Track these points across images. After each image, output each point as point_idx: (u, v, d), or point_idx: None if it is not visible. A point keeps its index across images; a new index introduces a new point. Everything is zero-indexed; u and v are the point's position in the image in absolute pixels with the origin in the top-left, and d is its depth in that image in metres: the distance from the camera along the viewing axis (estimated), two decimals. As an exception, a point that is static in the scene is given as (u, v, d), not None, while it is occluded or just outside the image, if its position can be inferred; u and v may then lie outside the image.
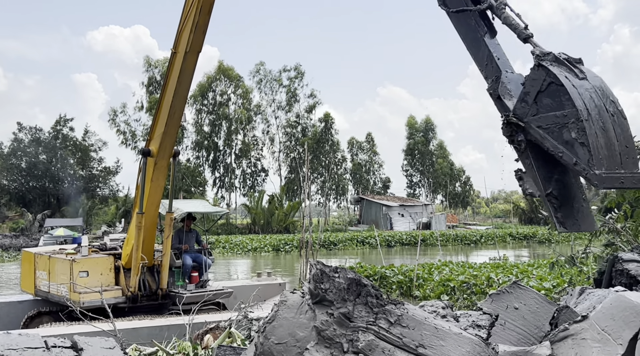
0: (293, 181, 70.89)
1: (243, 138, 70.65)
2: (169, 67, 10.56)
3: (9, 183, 66.30)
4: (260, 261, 35.07)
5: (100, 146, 69.39)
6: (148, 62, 68.02)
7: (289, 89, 70.41)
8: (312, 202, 66.18)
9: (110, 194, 68.64)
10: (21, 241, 46.42)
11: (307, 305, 3.62)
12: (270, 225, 58.67)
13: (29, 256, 11.70)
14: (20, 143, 66.32)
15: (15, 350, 3.83)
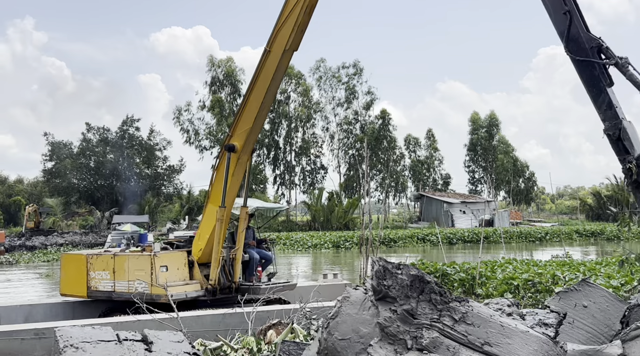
0: (352, 178, 70.82)
1: (303, 135, 71.08)
2: (260, 64, 10.58)
3: (79, 181, 68.72)
4: (321, 258, 35.23)
5: (165, 145, 71.06)
6: (211, 62, 69.14)
7: (348, 85, 70.36)
8: (371, 199, 66.04)
9: (174, 192, 70.18)
10: (90, 238, 48.06)
11: (370, 302, 3.63)
12: (330, 222, 58.80)
13: (79, 258, 11.66)
14: (89, 143, 68.60)
15: (89, 342, 3.98)
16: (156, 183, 69.91)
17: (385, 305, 3.47)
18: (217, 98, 67.47)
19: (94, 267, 11.32)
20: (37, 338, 7.79)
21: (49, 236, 49.22)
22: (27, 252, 41.88)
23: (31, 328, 8.03)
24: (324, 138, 72.45)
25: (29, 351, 7.72)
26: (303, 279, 24.45)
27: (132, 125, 69.69)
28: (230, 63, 69.04)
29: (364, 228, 16.84)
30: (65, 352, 3.84)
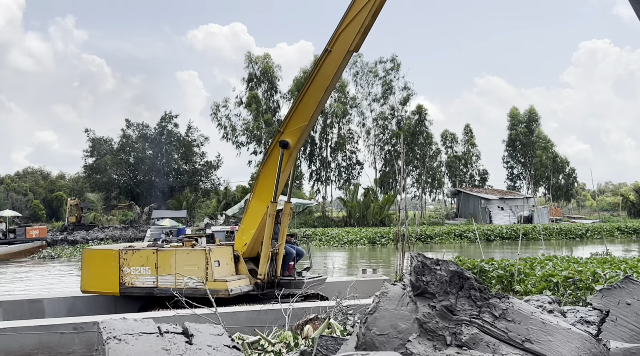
0: (388, 174, 70.59)
1: (338, 131, 71.06)
2: (320, 63, 10.65)
3: (119, 177, 70.04)
4: (356, 254, 35.22)
5: (202, 141, 71.89)
6: (249, 59, 69.61)
7: (385, 81, 70.06)
8: (407, 195, 65.68)
9: (211, 187, 70.97)
10: (130, 232, 48.92)
11: (409, 297, 3.63)
12: (366, 218, 58.73)
13: (107, 254, 11.15)
14: (129, 139, 69.81)
15: (132, 334, 4.06)
16: (194, 178, 70.78)
17: (424, 300, 3.46)
18: (254, 94, 67.92)
19: (128, 263, 10.95)
20: (75, 333, 7.93)
21: (89, 230, 50.31)
22: (68, 246, 42.86)
23: (70, 322, 8.18)
24: (359, 134, 72.38)
25: (68, 345, 7.87)
26: (339, 274, 24.48)
27: (170, 122, 70.69)
28: (267, 59, 69.42)
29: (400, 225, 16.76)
30: (109, 343, 3.93)
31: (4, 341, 7.66)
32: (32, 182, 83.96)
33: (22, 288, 21.33)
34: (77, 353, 7.85)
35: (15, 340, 7.71)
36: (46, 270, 27.91)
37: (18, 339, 7.73)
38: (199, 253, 10.71)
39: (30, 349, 7.73)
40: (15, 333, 7.75)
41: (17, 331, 7.77)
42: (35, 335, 7.81)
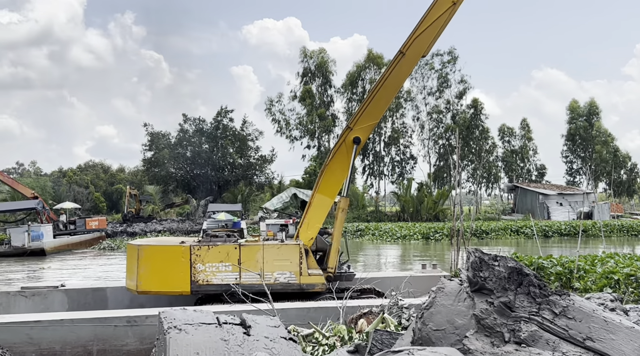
0: (442, 168, 69.79)
1: (392, 125, 70.63)
2: (392, 66, 10.97)
3: (176, 171, 71.42)
4: (410, 249, 35.00)
5: (257, 135, 72.56)
6: (304, 53, 69.84)
7: (441, 74, 69.19)
8: (462, 189, 64.82)
9: (265, 181, 71.61)
10: (187, 225, 49.88)
11: (466, 293, 3.60)
12: (420, 212, 58.25)
13: (175, 250, 10.48)
14: (186, 133, 71.06)
15: (192, 324, 4.16)
16: (248, 172, 71.55)
17: (482, 297, 3.43)
18: (308, 89, 68.15)
19: (202, 259, 10.36)
20: (129, 325, 8.10)
21: (148, 223, 51.56)
22: (127, 237, 44.04)
23: (124, 315, 8.35)
24: (413, 128, 71.75)
25: (122, 337, 8.07)
26: (392, 269, 24.39)
27: (226, 116, 71.58)
28: (323, 54, 69.51)
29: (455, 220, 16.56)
30: (169, 333, 4.04)
31: (61, 332, 7.90)
32: (93, 175, 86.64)
33: (85, 276, 22.04)
34: (130, 345, 8.04)
35: (72, 331, 7.94)
36: (107, 260, 28.77)
37: (74, 330, 7.95)
38: (293, 247, 10.69)
39: (85, 341, 7.94)
40: (72, 324, 7.99)
41: (73, 323, 8.00)
42: (91, 326, 8.01)
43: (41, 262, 28.53)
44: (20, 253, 31.05)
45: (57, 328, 7.89)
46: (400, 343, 4.21)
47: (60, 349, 7.83)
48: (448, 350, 3.10)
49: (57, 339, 7.85)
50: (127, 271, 10.56)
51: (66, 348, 7.85)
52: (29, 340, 7.74)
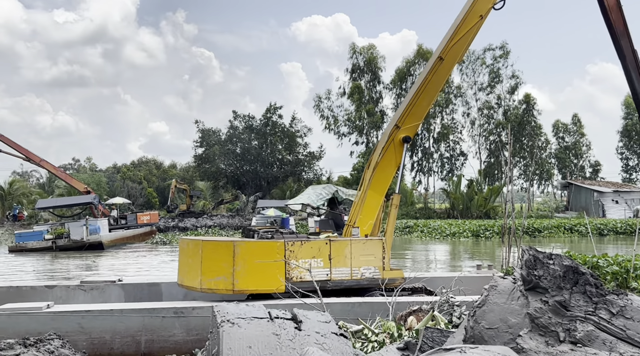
0: (493, 165, 68.70)
1: (441, 121, 69.91)
2: (433, 70, 11.27)
3: (226, 167, 72.39)
4: (460, 247, 34.61)
5: (306, 132, 72.90)
6: (353, 49, 69.76)
7: (492, 69, 68.04)
8: (514, 186, 63.70)
9: (314, 178, 71.90)
10: (236, 221, 50.50)
11: (519, 291, 3.55)
12: (470, 210, 57.54)
13: (269, 246, 9.97)
14: (236, 130, 71.94)
15: (244, 318, 4.23)
16: (297, 169, 71.95)
17: (536, 295, 3.38)
18: (357, 85, 68.04)
19: (296, 255, 9.99)
20: (176, 317, 8.25)
21: (199, 218, 52.40)
22: (179, 232, 44.88)
23: (171, 306, 8.49)
24: (463, 124, 70.81)
25: (169, 328, 8.23)
26: (441, 268, 24.17)
27: (275, 113, 72.14)
28: (372, 50, 69.26)
29: (507, 217, 16.31)
30: (223, 327, 4.11)
31: (111, 322, 8.12)
32: (146, 171, 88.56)
33: (139, 270, 22.55)
34: (177, 336, 8.19)
35: (121, 321, 8.14)
36: (161, 254, 29.38)
37: (123, 320, 8.15)
38: (376, 242, 10.63)
39: (134, 331, 8.13)
40: (121, 314, 8.19)
41: (122, 313, 8.20)
42: (139, 317, 8.19)
43: (99, 255, 29.33)
44: (79, 246, 32.06)
45: (107, 317, 8.12)
46: (452, 341, 4.19)
47: (110, 338, 8.05)
48: (501, 349, 3.07)
49: (107, 328, 8.07)
50: (204, 269, 9.68)
51: (116, 337, 8.07)
52: (80, 329, 7.99)
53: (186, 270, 9.93)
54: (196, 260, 9.66)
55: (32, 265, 25.57)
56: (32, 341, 4.48)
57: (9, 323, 7.90)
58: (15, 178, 69.98)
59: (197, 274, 9.56)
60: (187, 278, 9.86)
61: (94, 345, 7.89)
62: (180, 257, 10.25)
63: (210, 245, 9.94)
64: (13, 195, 59.69)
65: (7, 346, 4.30)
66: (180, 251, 10.31)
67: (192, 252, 9.90)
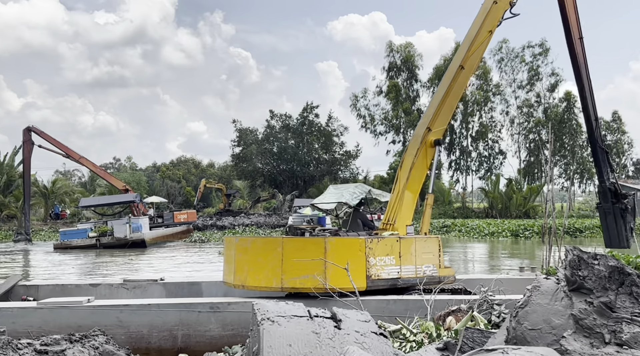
0: (532, 164, 67.62)
1: (479, 119, 69.09)
2: (455, 78, 11.67)
3: (263, 166, 72.84)
4: (498, 246, 34.18)
5: (342, 131, 72.86)
6: (390, 48, 69.42)
7: (531, 66, 66.93)
8: (554, 186, 62.60)
9: (350, 177, 71.81)
10: (273, 219, 50.77)
11: (563, 292, 3.50)
12: (509, 209, 56.76)
13: (355, 243, 9.47)
14: (272, 129, 72.30)
15: (284, 317, 4.25)
16: (333, 168, 71.97)
17: (580, 296, 3.32)
18: (394, 83, 67.71)
19: (374, 252, 9.62)
20: (212, 312, 8.35)
21: (236, 217, 52.84)
22: (217, 231, 45.35)
23: (207, 301, 8.61)
24: (502, 123, 69.85)
25: (205, 323, 8.33)
26: (479, 266, 23.91)
27: (311, 112, 72.28)
28: (409, 48, 68.82)
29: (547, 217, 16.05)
30: (263, 324, 4.14)
31: (149, 317, 8.27)
32: (185, 170, 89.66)
33: (178, 269, 22.84)
34: (213, 331, 8.29)
35: (159, 316, 8.29)
36: (199, 252, 29.72)
37: (161, 315, 8.29)
38: (434, 240, 10.60)
39: (171, 325, 8.26)
40: (158, 309, 8.34)
41: (160, 308, 8.35)
42: (176, 312, 8.32)
43: (140, 253, 29.79)
44: (122, 244, 32.70)
45: (145, 312, 8.26)
46: (493, 341, 4.14)
47: (147, 333, 8.20)
48: (545, 350, 3.02)
49: (144, 323, 8.23)
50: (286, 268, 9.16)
51: (153, 331, 8.21)
52: (118, 323, 8.17)
53: (249, 269, 9.40)
54: (271, 258, 9.19)
55: (76, 262, 26.13)
56: (78, 337, 4.58)
57: (51, 316, 8.14)
58: (58, 177, 71.57)
59: (274, 273, 9.11)
60: (252, 279, 9.32)
61: (132, 339, 8.05)
62: (237, 256, 9.64)
63: (296, 242, 9.61)
64: (56, 193, 61.02)
65: (54, 341, 4.41)
66: (237, 250, 9.72)
67: (263, 250, 9.46)
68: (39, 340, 4.54)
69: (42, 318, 8.11)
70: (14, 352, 4.15)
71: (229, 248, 10.12)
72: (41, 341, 4.39)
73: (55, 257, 28.90)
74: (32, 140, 38.86)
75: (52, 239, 42.98)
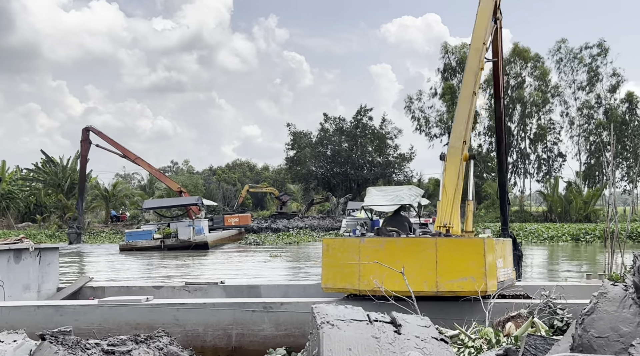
0: (593, 167, 65.72)
1: (538, 121, 67.60)
2: (471, 103, 11.58)
3: (317, 169, 73.16)
4: (558, 251, 33.36)
5: (396, 134, 72.52)
6: (445, 49, 68.71)
7: (591, 67, 65.10)
8: (616, 189, 60.68)
9: (404, 180, 71.40)
10: (327, 222, 50.95)
11: (631, 299, 3.40)
12: (568, 213, 55.32)
13: (476, 243, 9.00)
14: (326, 132, 72.54)
15: (343, 320, 4.26)
16: (387, 171, 71.69)
17: (650, 304, 3.23)
18: (449, 85, 66.95)
19: (498, 254, 9.22)
20: (265, 311, 8.40)
21: (291, 219, 53.25)
22: (272, 233, 45.79)
23: (260, 301, 8.69)
24: (562, 124, 68.14)
25: (258, 322, 8.40)
26: (539, 271, 23.38)
27: (365, 115, 72.19)
28: (465, 49, 67.87)
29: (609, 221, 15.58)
30: (322, 328, 4.16)
31: (204, 315, 8.41)
32: (240, 173, 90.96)
33: (238, 272, 23.13)
34: (266, 330, 8.36)
35: (213, 314, 8.40)
36: (255, 255, 30.06)
37: (215, 314, 8.39)
38: (509, 243, 10.44)
39: (225, 324, 8.36)
40: (213, 308, 8.47)
41: (215, 307, 8.46)
42: (230, 311, 8.40)
43: (200, 257, 30.23)
44: (186, 246, 33.43)
45: (200, 311, 8.42)
46: (557, 349, 4.06)
47: (202, 331, 8.34)
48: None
49: (200, 321, 8.36)
50: (442, 270, 8.73)
51: (208, 330, 8.35)
52: (175, 321, 8.33)
53: (383, 272, 8.68)
54: (420, 260, 8.70)
55: (141, 264, 26.72)
56: (143, 338, 4.71)
57: (110, 313, 8.40)
58: (118, 180, 73.59)
59: (424, 277, 8.61)
60: (390, 283, 8.57)
61: (188, 337, 8.21)
62: (365, 259, 8.92)
63: (451, 243, 9.05)
64: (116, 196, 62.77)
65: (120, 342, 4.55)
66: (365, 252, 9.00)
67: (407, 252, 8.90)
68: (105, 340, 4.69)
69: (103, 315, 8.38)
70: (82, 352, 4.30)
71: (345, 250, 9.34)
72: (108, 342, 4.53)
73: (121, 258, 29.69)
74: (89, 140, 40.30)
75: (110, 241, 44.29)
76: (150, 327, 8.13)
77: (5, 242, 10.12)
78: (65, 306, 8.65)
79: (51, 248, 11.22)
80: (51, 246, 11.71)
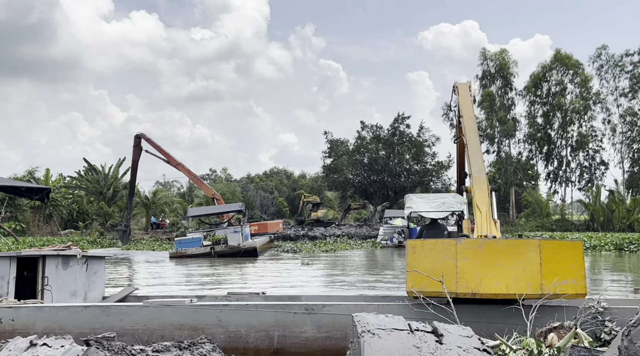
0: (636, 175, 64.17)
1: (579, 128, 66.35)
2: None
3: (354, 177, 73.06)
4: (601, 260, 32.66)
5: (434, 141, 72.02)
6: (483, 55, 67.97)
7: (633, 74, 63.67)
8: (661, 197, 59.05)
9: (442, 188, 70.80)
10: (364, 230, 50.84)
11: (680, 313, 3.33)
12: (611, 222, 54.11)
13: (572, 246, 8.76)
14: (363, 140, 72.44)
15: (384, 329, 4.26)
16: (425, 179, 71.20)
17: (699, 317, 3.16)
18: (488, 92, 66.20)
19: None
20: (307, 313, 8.43)
21: (327, 227, 53.30)
22: (308, 241, 45.86)
23: (302, 303, 8.76)
24: (604, 132, 66.73)
25: (300, 324, 8.43)
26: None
27: (402, 123, 71.88)
28: (504, 55, 67.08)
29: (655, 230, 15.29)
30: (363, 337, 4.18)
31: (247, 316, 8.48)
32: (277, 181, 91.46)
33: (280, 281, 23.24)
34: (307, 332, 8.39)
35: (256, 316, 8.47)
36: (290, 262, 30.14)
37: (258, 315, 8.46)
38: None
39: (267, 326, 8.41)
40: (255, 309, 8.53)
41: (257, 308, 8.53)
42: (272, 312, 8.46)
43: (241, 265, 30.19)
44: (235, 252, 33.69)
45: (242, 312, 8.50)
46: (602, 361, 3.99)
47: (245, 332, 8.41)
48: (661, 373, 2.88)
49: (242, 323, 8.43)
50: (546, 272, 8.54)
51: (250, 331, 8.41)
52: (218, 322, 8.44)
53: (483, 275, 8.62)
54: (523, 262, 8.54)
55: (191, 272, 26.68)
56: (186, 344, 4.80)
57: (155, 314, 8.57)
58: (158, 188, 74.72)
59: (528, 279, 8.48)
60: (490, 285, 8.56)
61: (230, 338, 8.30)
62: (462, 262, 8.78)
63: (554, 245, 8.89)
64: (156, 203, 63.72)
65: (164, 348, 4.64)
66: (462, 254, 8.82)
67: (509, 254, 8.71)
68: (150, 346, 4.78)
69: (147, 316, 8.54)
70: (128, 357, 4.40)
71: (438, 252, 9.07)
72: (153, 348, 4.62)
73: (166, 266, 29.85)
74: (140, 146, 41.32)
75: (151, 247, 44.94)
76: (194, 328, 8.25)
77: (54, 248, 10.39)
78: (111, 306, 8.87)
79: (98, 257, 11.48)
80: (98, 255, 11.98)
